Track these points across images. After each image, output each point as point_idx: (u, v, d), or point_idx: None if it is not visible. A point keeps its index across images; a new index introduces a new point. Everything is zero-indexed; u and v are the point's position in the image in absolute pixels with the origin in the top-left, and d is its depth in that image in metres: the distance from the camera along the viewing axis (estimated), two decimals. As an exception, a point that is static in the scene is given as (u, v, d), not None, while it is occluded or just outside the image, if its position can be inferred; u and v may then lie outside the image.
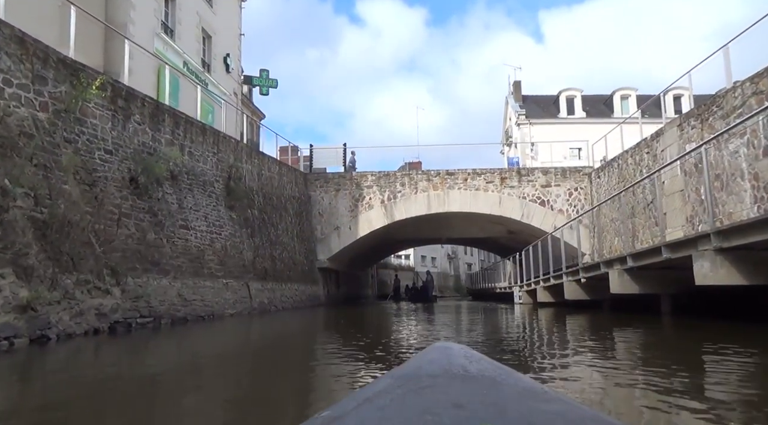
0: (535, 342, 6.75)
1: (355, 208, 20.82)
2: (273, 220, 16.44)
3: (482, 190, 20.59)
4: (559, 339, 7.13)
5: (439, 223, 22.92)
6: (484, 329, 9.40)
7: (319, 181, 21.09)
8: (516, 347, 6.24)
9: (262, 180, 16.09)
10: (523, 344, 6.56)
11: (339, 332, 9.25)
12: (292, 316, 13.77)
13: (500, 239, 25.53)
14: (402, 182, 20.82)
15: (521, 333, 8.22)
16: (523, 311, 14.72)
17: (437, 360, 0.77)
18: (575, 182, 20.41)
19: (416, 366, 0.77)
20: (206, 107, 18.92)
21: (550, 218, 20.22)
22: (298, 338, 8.03)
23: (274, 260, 15.67)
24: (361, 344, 6.77)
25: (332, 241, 20.78)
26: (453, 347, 0.82)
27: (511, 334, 8.07)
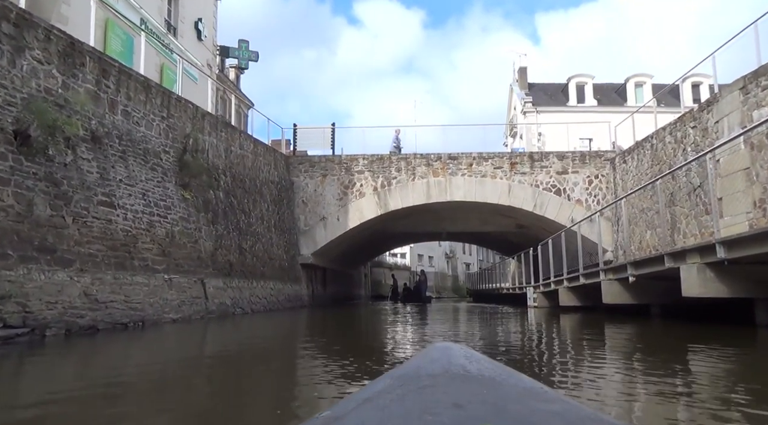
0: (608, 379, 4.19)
1: (345, 196, 18.25)
2: (244, 206, 13.85)
3: (489, 177, 18.05)
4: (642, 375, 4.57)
5: (440, 214, 20.37)
6: (498, 347, 6.86)
7: (304, 165, 18.51)
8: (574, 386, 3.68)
9: (231, 158, 13.50)
10: (580, 379, 4.02)
11: (306, 344, 6.73)
12: (261, 321, 11.19)
13: (508, 234, 22.98)
14: (398, 166, 18.26)
15: (558, 357, 5.66)
16: (541, 318, 12.19)
17: (437, 359, 0.78)
18: (596, 168, 17.89)
19: (416, 365, 0.78)
20: (170, 76, 16.32)
21: (566, 209, 17.70)
22: (244, 357, 5.46)
23: (243, 253, 13.08)
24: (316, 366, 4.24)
25: (318, 233, 18.20)
26: (453, 347, 0.83)
27: (548, 360, 5.52)
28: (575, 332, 8.46)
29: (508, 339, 7.38)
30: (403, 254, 50.85)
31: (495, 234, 23.92)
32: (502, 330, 9.33)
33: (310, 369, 4.60)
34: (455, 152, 18.65)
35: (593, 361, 4.90)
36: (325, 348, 6.37)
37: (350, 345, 7.08)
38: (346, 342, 7.39)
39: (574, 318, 10.96)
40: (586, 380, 3.90)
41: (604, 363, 4.77)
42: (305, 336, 8.39)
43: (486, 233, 23.95)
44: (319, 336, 8.62)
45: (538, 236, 19.96)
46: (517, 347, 6.23)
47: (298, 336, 8.27)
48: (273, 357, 5.49)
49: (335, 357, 5.45)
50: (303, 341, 7.41)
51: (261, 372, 4.45)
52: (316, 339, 8.07)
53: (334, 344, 6.96)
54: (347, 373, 4.19)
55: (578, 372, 4.29)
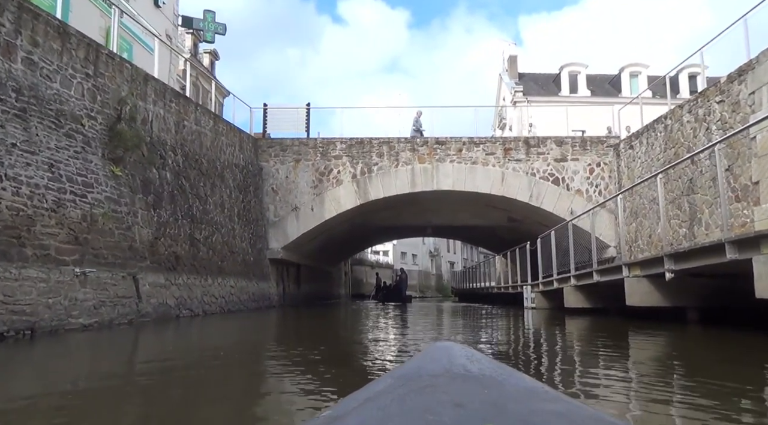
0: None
1: (320, 184, 16.35)
2: (199, 190, 11.89)
3: (481, 164, 16.29)
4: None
5: (425, 206, 18.57)
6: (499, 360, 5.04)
7: (274, 148, 16.56)
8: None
9: (184, 133, 11.53)
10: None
11: (258, 355, 4.86)
12: (213, 326, 9.27)
13: (498, 229, 21.27)
14: (379, 151, 16.41)
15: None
16: (542, 322, 10.44)
17: (438, 359, 0.78)
18: (597, 155, 16.24)
19: (417, 365, 0.77)
20: (121, 44, 14.23)
21: (565, 200, 16.02)
22: (160, 382, 3.57)
23: (196, 245, 11.13)
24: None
25: (289, 225, 16.27)
26: (454, 346, 0.83)
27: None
28: (590, 341, 6.71)
29: (509, 351, 5.60)
30: (385, 251, 49.06)
31: (484, 229, 22.21)
32: (500, 337, 7.56)
33: (256, 394, 2.78)
34: (443, 136, 16.88)
35: (632, 384, 3.13)
36: (280, 362, 4.53)
37: (308, 355, 5.25)
38: (302, 350, 5.56)
39: (583, 323, 9.23)
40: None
41: (647, 388, 2.99)
42: (261, 342, 6.55)
43: (475, 228, 22.22)
44: (277, 342, 6.77)
45: (531, 231, 18.28)
46: (524, 362, 4.45)
47: (252, 344, 6.41)
48: (207, 379, 3.64)
49: (292, 374, 3.63)
50: (255, 351, 5.57)
51: (182, 399, 2.58)
52: (272, 346, 6.22)
53: (288, 354, 5.14)
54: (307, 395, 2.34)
55: (618, 399, 2.51)
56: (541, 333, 8.18)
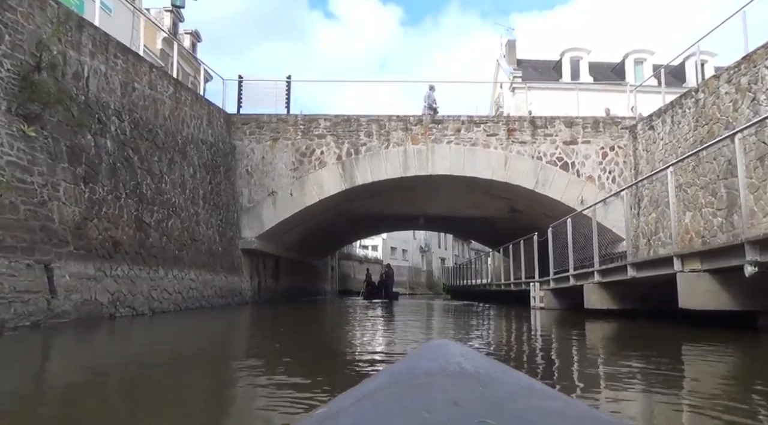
0: None
1: (300, 165, 14.52)
2: (152, 165, 10.02)
3: (481, 145, 14.54)
4: None
5: (419, 193, 16.80)
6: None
7: (249, 125, 14.69)
8: None
9: (134, 98, 9.66)
10: None
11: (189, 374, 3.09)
12: (157, 329, 7.44)
13: (496, 221, 19.56)
14: (368, 130, 14.60)
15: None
16: (555, 325, 8.73)
17: (434, 357, 0.77)
18: (611, 137, 14.54)
19: (413, 363, 0.77)
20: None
21: (575, 187, 14.32)
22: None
23: (144, 230, 9.28)
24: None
25: (265, 211, 14.44)
26: (449, 344, 0.83)
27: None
28: (632, 354, 4.98)
29: (524, 367, 3.86)
30: (374, 246, 47.31)
31: (482, 221, 20.48)
32: (507, 345, 5.83)
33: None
34: (440, 115, 15.13)
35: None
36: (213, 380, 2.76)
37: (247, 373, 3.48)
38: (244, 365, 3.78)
39: (611, 329, 7.51)
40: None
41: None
42: (200, 351, 4.74)
43: (471, 219, 20.49)
44: (224, 350, 4.99)
45: (533, 224, 16.59)
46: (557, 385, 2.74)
47: (185, 354, 4.62)
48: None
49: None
50: (180, 367, 3.78)
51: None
52: (211, 357, 4.44)
53: (224, 371, 3.38)
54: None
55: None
56: (559, 341, 6.45)
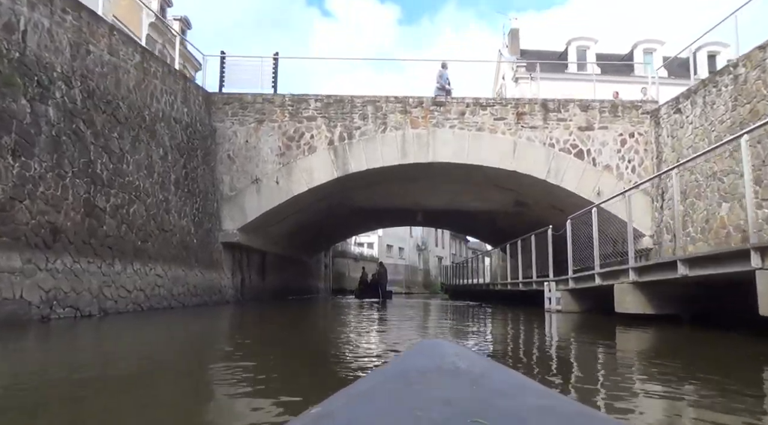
0: None
1: (288, 151, 13.14)
2: (111, 142, 8.62)
3: (488, 130, 13.19)
4: None
5: (418, 185, 15.44)
6: None
7: (231, 106, 13.29)
8: None
9: (88, 63, 8.25)
10: None
11: None
12: (97, 337, 6.05)
13: (499, 215, 18.21)
14: (363, 112, 13.23)
15: None
16: (579, 331, 7.40)
17: (427, 356, 0.78)
18: (631, 123, 13.22)
19: (406, 362, 0.78)
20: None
21: (591, 177, 13.00)
22: None
23: (97, 216, 7.89)
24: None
25: (248, 201, 13.05)
26: (443, 343, 0.83)
27: None
28: (713, 379, 3.63)
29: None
30: (370, 244, 45.93)
31: (484, 215, 19.13)
32: (529, 359, 4.50)
33: None
34: (441, 97, 13.76)
35: None
36: None
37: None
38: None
39: (655, 339, 6.18)
40: None
41: None
42: (140, 369, 3.38)
43: (474, 214, 19.13)
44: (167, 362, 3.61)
45: (539, 219, 15.25)
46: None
47: (120, 378, 3.24)
48: None
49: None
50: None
51: None
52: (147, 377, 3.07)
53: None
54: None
55: None
56: (592, 353, 5.12)
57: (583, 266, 9.59)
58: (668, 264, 6.27)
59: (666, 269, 6.30)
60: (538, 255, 12.15)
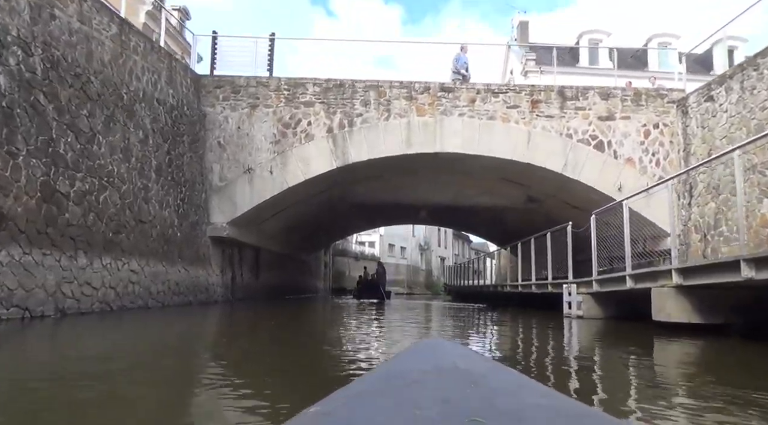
0: None
1: (283, 138, 12.14)
2: (79, 121, 7.63)
3: (500, 119, 12.17)
4: None
5: (422, 178, 14.43)
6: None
7: (223, 89, 12.29)
8: None
9: (52, 28, 7.27)
10: None
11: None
12: (36, 346, 5.06)
13: (509, 212, 17.18)
14: (365, 98, 12.22)
15: None
16: (606, 343, 6.39)
17: (427, 355, 0.78)
18: (655, 113, 12.18)
19: (406, 361, 0.77)
20: None
21: (611, 171, 11.97)
22: None
23: (58, 202, 6.91)
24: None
25: (239, 192, 12.05)
26: (442, 343, 0.84)
27: None
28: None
29: None
30: (371, 242, 44.95)
31: (492, 213, 18.09)
32: (556, 378, 3.51)
33: None
34: (450, 82, 12.76)
35: None
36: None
37: None
38: None
39: (707, 354, 5.17)
40: None
41: None
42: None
43: (481, 211, 18.09)
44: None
45: (551, 216, 14.24)
46: None
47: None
48: None
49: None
50: None
51: None
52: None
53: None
54: None
55: None
56: (635, 376, 4.12)
57: (609, 267, 8.57)
58: (726, 265, 5.24)
59: (723, 270, 5.27)
60: (554, 255, 11.11)
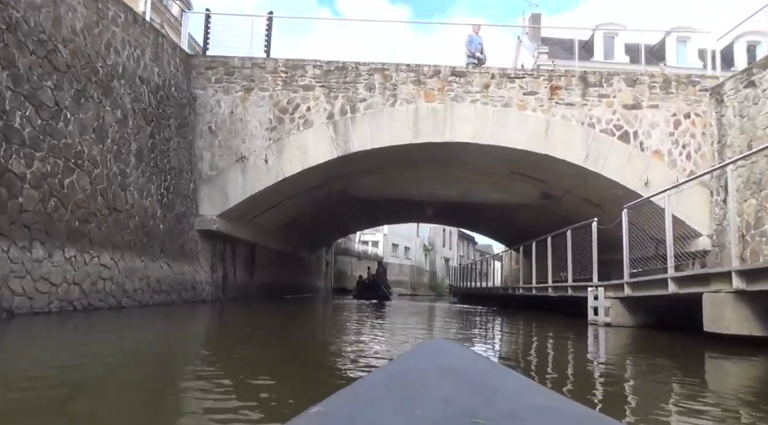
0: None
1: (280, 125, 11.18)
2: (42, 93, 6.69)
3: (516, 106, 11.17)
4: None
5: (428, 172, 13.43)
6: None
7: (215, 71, 11.34)
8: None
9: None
10: None
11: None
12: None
13: (521, 209, 16.15)
14: (369, 82, 11.24)
15: None
16: (643, 357, 5.43)
17: (429, 356, 0.78)
18: (686, 102, 11.15)
19: (408, 362, 0.77)
20: None
21: (637, 164, 10.95)
22: None
23: (10, 184, 5.97)
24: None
25: (231, 182, 11.09)
26: (444, 344, 0.84)
27: None
28: None
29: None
30: (375, 242, 43.98)
31: (500, 211, 17.07)
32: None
33: None
34: (462, 65, 11.79)
35: None
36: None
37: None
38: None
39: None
40: None
41: None
42: None
43: (489, 208, 17.07)
44: None
45: (568, 214, 13.27)
46: None
47: None
48: None
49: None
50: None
51: None
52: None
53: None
54: None
55: None
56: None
57: (648, 268, 7.56)
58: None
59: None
60: (576, 255, 10.09)
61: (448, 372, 0.71)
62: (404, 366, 0.75)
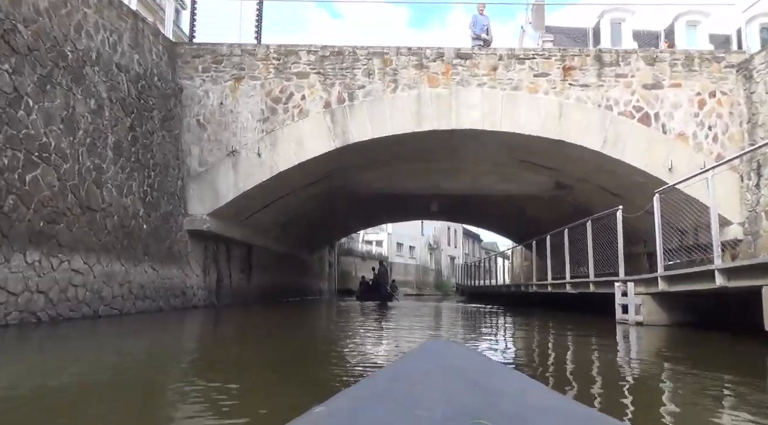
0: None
1: (273, 115, 10.40)
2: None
3: (526, 89, 10.36)
4: None
5: (434, 164, 12.62)
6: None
7: (202, 59, 10.56)
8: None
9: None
10: None
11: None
12: None
13: (532, 202, 15.31)
14: (368, 68, 10.45)
15: None
16: (692, 363, 4.63)
17: (431, 356, 0.77)
18: (711, 80, 10.31)
19: (410, 362, 0.76)
20: None
21: (660, 148, 10.13)
22: None
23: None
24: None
25: (222, 178, 10.32)
26: (447, 344, 0.86)
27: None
28: None
29: None
30: (379, 241, 43.18)
31: (509, 204, 16.24)
32: None
33: None
34: (467, 47, 10.99)
35: None
36: None
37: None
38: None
39: None
40: None
41: None
42: None
43: (498, 201, 16.24)
44: None
45: (582, 205, 12.49)
46: None
47: None
48: None
49: None
50: None
51: None
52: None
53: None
54: None
55: None
56: None
57: (686, 259, 6.74)
58: None
59: None
60: (599, 248, 9.26)
61: (451, 372, 0.70)
62: (407, 366, 0.74)
